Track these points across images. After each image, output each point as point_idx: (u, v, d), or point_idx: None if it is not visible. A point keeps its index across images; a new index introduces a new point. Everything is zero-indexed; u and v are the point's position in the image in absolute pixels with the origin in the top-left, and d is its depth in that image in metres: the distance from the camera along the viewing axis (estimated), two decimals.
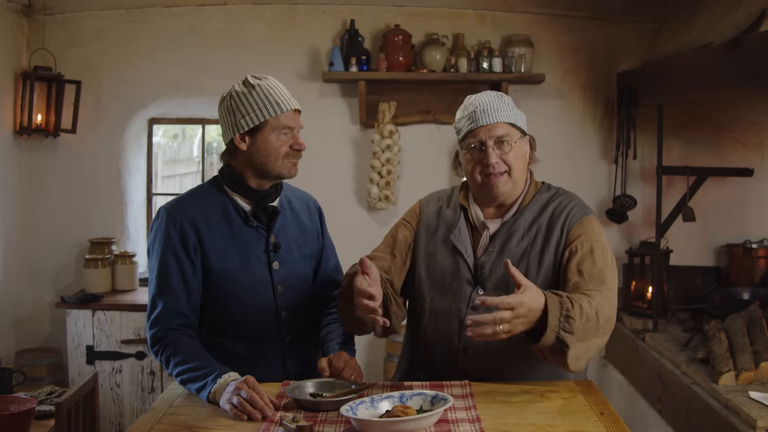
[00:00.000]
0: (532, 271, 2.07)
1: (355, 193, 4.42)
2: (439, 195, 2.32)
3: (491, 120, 2.08)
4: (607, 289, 1.98)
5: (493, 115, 2.08)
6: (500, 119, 2.09)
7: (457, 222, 2.18)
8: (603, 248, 2.06)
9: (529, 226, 2.12)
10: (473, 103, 2.12)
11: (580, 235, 2.07)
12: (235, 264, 2.15)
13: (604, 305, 1.93)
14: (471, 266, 2.13)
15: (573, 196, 2.19)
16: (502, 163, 2.08)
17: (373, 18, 4.34)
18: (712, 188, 4.11)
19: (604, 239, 2.10)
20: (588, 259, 2.03)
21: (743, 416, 2.69)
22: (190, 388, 2.00)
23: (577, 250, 2.04)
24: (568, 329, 1.84)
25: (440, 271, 2.16)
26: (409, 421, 1.67)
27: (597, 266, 2.02)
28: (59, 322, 4.20)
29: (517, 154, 2.11)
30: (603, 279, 2.00)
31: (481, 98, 2.13)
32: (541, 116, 4.36)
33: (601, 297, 1.94)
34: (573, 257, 2.04)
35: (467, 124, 2.11)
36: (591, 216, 2.13)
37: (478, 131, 2.09)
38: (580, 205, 2.15)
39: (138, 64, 4.36)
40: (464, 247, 2.14)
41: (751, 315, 3.28)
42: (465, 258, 2.13)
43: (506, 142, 2.09)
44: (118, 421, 4.04)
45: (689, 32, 3.67)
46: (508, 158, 2.09)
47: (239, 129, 2.11)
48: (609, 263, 2.04)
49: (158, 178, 4.85)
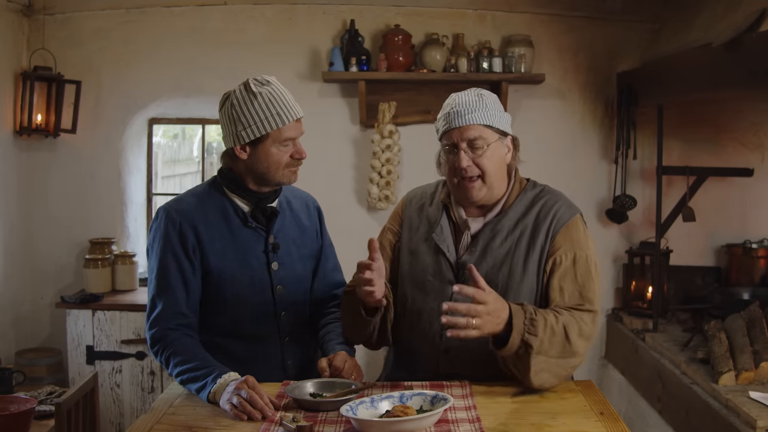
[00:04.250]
0: (516, 272, 2.06)
1: (355, 193, 4.42)
2: (424, 191, 2.29)
3: (464, 122, 2.03)
4: (585, 309, 2.00)
5: (466, 117, 2.03)
6: (474, 121, 2.03)
7: (439, 220, 2.16)
8: (587, 258, 2.05)
9: (514, 226, 2.10)
10: (450, 104, 2.09)
11: (565, 242, 2.05)
12: (234, 264, 2.15)
13: (574, 324, 1.95)
14: (453, 265, 2.11)
15: (559, 194, 2.16)
16: (474, 166, 2.04)
17: (373, 18, 4.34)
18: (712, 188, 4.11)
19: (590, 245, 2.09)
20: (570, 274, 2.03)
21: (743, 416, 2.69)
22: (190, 388, 2.00)
23: (561, 261, 2.04)
24: (533, 332, 1.87)
25: (422, 270, 2.15)
26: (409, 421, 1.67)
27: (578, 281, 2.03)
28: (59, 322, 4.20)
29: (491, 156, 2.05)
30: (582, 299, 2.02)
31: (459, 98, 2.08)
32: (541, 116, 4.37)
33: (570, 317, 1.96)
34: (556, 270, 2.04)
35: (442, 125, 2.08)
36: (577, 217, 2.11)
37: (451, 133, 2.05)
38: (566, 206, 2.12)
39: (138, 64, 4.35)
40: (446, 246, 2.12)
41: (751, 315, 3.28)
42: (447, 256, 2.12)
43: (479, 146, 2.04)
44: (118, 421, 4.04)
45: (689, 32, 3.67)
46: (480, 161, 2.04)
47: (240, 140, 2.10)
48: (592, 275, 2.04)
49: (158, 178, 4.85)
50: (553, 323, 1.92)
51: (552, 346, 1.91)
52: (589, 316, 2.00)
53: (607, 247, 4.37)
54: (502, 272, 2.07)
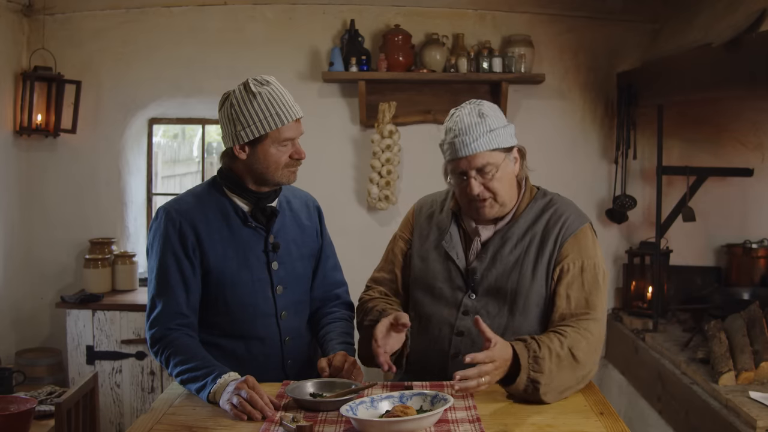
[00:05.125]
0: (525, 279, 2.07)
1: (355, 193, 4.42)
2: (434, 199, 2.31)
3: (470, 151, 2.02)
4: (590, 318, 2.01)
5: (472, 146, 2.02)
6: (480, 149, 2.02)
7: (448, 228, 2.18)
8: (595, 266, 2.06)
9: (524, 234, 2.11)
10: (452, 129, 2.05)
11: (573, 251, 2.06)
12: (233, 264, 2.15)
13: (580, 341, 1.96)
14: (462, 272, 2.13)
15: (569, 203, 2.17)
16: (486, 190, 2.06)
17: (373, 18, 4.33)
18: (712, 188, 4.11)
19: (598, 253, 2.10)
20: (577, 281, 2.04)
21: (743, 416, 2.69)
22: (190, 388, 2.00)
23: (569, 269, 2.05)
24: (537, 369, 1.88)
25: (432, 277, 2.17)
26: (409, 421, 1.67)
27: (585, 290, 2.04)
28: (59, 322, 4.20)
29: (501, 178, 2.06)
30: (588, 306, 2.02)
31: (461, 123, 2.04)
32: (541, 116, 4.36)
33: (576, 333, 1.97)
34: (563, 278, 2.05)
35: (448, 153, 2.08)
36: (586, 227, 2.12)
37: (458, 163, 2.05)
38: (575, 215, 2.13)
39: (138, 64, 4.35)
40: (455, 253, 2.14)
41: (751, 315, 3.28)
42: (457, 263, 2.14)
43: (488, 171, 2.04)
44: (118, 421, 4.04)
45: (689, 32, 3.67)
46: (491, 185, 2.06)
47: (239, 140, 2.10)
48: (599, 284, 2.05)
49: (158, 178, 4.85)
50: (558, 350, 1.92)
51: (561, 371, 1.92)
52: (595, 325, 2.01)
53: (607, 247, 4.37)
54: (511, 279, 2.08)
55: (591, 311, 2.02)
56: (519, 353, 1.88)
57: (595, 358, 2.02)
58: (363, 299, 2.28)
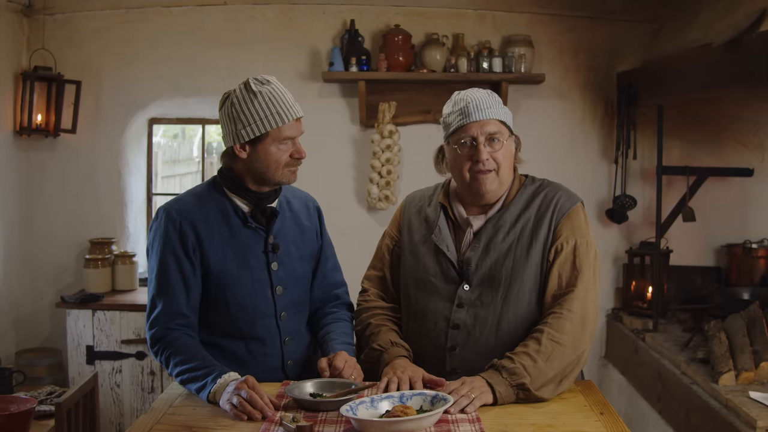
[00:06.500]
0: (519, 264, 2.08)
1: (355, 193, 4.42)
2: (422, 194, 2.32)
3: (484, 116, 2.07)
4: (573, 297, 2.02)
5: (486, 112, 2.07)
6: (492, 116, 2.08)
7: (437, 221, 2.19)
8: (587, 244, 2.08)
9: (516, 220, 2.12)
10: (464, 99, 2.11)
11: (566, 229, 2.08)
12: (233, 265, 2.15)
13: (563, 324, 1.98)
14: (455, 263, 2.13)
15: (558, 185, 2.19)
16: (492, 160, 2.08)
17: (373, 18, 4.33)
18: (712, 188, 4.11)
19: (590, 232, 2.12)
20: (569, 260, 2.06)
21: (743, 416, 2.69)
22: (190, 388, 2.00)
23: (562, 248, 2.07)
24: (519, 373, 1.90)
25: (423, 271, 2.17)
26: (409, 421, 1.67)
27: (576, 267, 2.05)
28: (59, 322, 4.20)
29: (506, 153, 2.11)
30: (576, 281, 2.03)
31: (473, 94, 2.11)
32: (541, 116, 4.36)
33: (555, 319, 1.99)
34: (557, 258, 2.07)
35: (458, 119, 2.09)
36: (578, 206, 2.13)
37: (470, 127, 2.07)
38: (566, 194, 2.15)
39: (138, 64, 4.35)
40: (446, 245, 2.15)
41: (751, 315, 3.28)
42: (448, 256, 2.14)
43: (497, 140, 2.08)
44: (118, 421, 4.04)
45: (689, 32, 3.67)
46: (497, 156, 2.08)
47: (240, 139, 2.10)
48: (590, 261, 2.06)
49: (158, 178, 4.85)
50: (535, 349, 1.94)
51: (548, 362, 1.94)
52: (576, 302, 2.01)
53: (607, 247, 4.37)
54: (505, 266, 2.08)
55: (574, 288, 2.03)
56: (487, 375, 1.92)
57: (583, 336, 2.01)
58: (360, 306, 2.31)
